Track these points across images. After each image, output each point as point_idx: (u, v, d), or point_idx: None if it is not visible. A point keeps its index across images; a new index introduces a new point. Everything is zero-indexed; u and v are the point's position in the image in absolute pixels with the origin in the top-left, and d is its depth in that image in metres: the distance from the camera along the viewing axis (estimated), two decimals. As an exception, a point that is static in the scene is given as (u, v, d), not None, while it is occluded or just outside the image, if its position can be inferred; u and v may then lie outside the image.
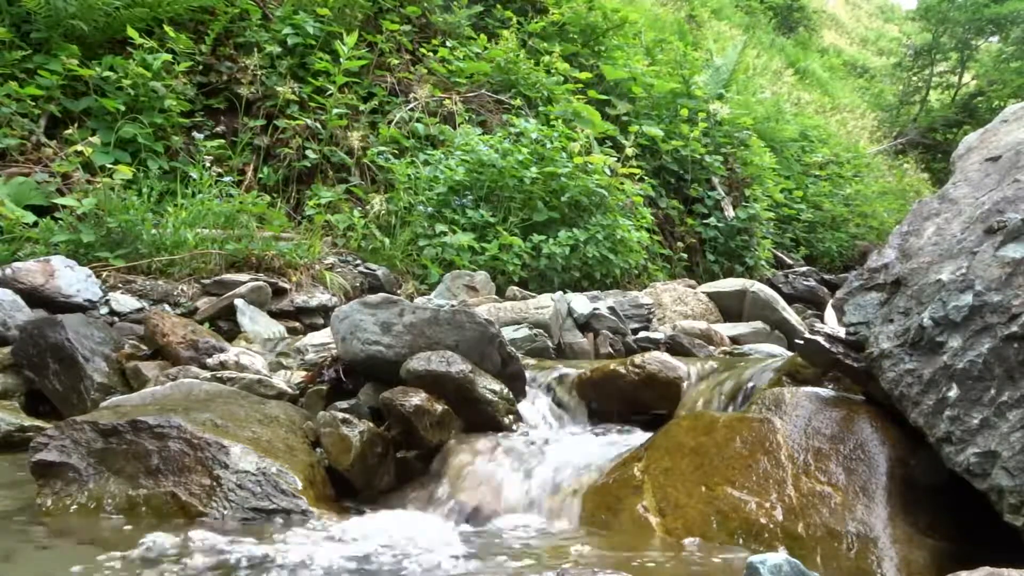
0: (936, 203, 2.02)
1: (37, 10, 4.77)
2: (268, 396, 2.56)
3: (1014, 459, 1.49)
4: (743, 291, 4.75)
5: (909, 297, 1.83)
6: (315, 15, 5.91)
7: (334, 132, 5.60)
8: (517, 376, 2.51)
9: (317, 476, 2.06)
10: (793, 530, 1.69)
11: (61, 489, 1.91)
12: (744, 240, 7.31)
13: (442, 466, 2.20)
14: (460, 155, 5.47)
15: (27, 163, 4.45)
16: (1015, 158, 1.92)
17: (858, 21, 27.16)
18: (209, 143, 4.95)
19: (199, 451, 1.93)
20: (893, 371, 1.77)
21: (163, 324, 3.14)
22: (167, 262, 4.05)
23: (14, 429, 2.60)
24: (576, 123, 6.42)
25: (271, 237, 4.41)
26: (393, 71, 6.40)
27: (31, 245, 3.86)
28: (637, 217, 6.04)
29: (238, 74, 5.60)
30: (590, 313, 3.71)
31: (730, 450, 1.89)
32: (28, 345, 2.95)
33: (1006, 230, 1.69)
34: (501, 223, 5.20)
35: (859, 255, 9.63)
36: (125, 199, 4.13)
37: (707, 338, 3.87)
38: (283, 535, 1.76)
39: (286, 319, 4.02)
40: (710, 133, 7.76)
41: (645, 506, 1.89)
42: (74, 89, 4.84)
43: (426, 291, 4.66)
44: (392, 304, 2.46)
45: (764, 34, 17.62)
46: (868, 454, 1.79)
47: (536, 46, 7.40)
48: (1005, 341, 1.57)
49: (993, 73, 17.14)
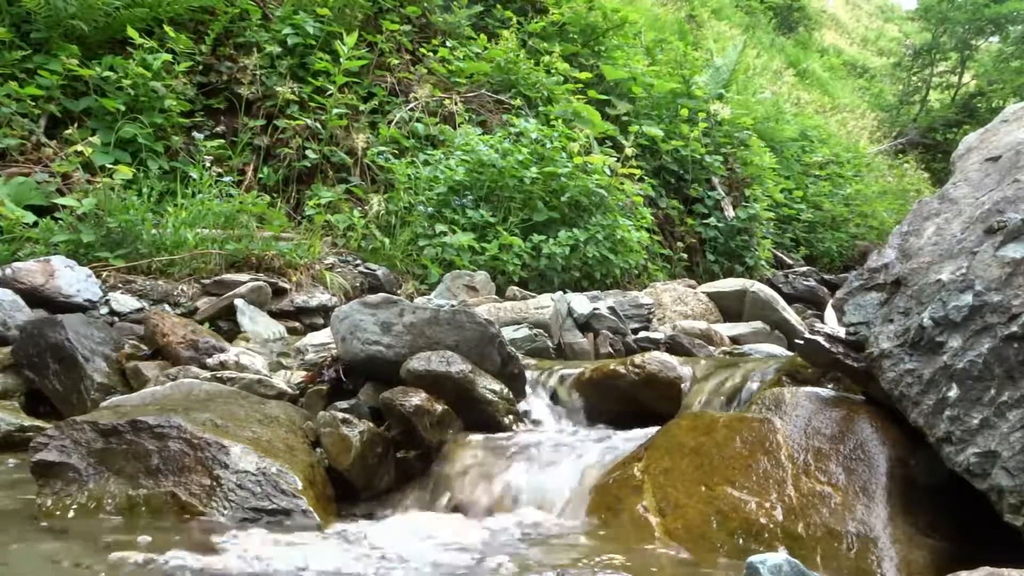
0: (936, 203, 2.02)
1: (37, 10, 4.77)
2: (268, 396, 2.56)
3: (1014, 459, 1.49)
4: (743, 291, 4.75)
5: (909, 297, 1.83)
6: (315, 15, 5.91)
7: (334, 132, 5.60)
8: (517, 376, 2.51)
9: (317, 476, 2.06)
10: (793, 530, 1.69)
11: (61, 489, 1.91)
12: (744, 240, 7.31)
13: (442, 466, 2.20)
14: (460, 155, 5.47)
15: (27, 163, 4.45)
16: (1015, 158, 1.92)
17: (858, 21, 27.15)
18: (209, 143, 4.95)
19: (199, 451, 1.93)
20: (893, 371, 1.77)
21: (163, 324, 3.13)
22: (167, 262, 4.05)
23: (14, 429, 2.60)
24: (576, 123, 6.42)
25: (271, 237, 4.41)
26: (393, 71, 6.40)
27: (31, 245, 3.86)
28: (637, 217, 6.04)
29: (238, 74, 5.60)
30: (590, 313, 3.71)
31: (730, 450, 1.89)
32: (28, 345, 2.94)
33: (1006, 230, 1.69)
34: (501, 223, 5.20)
35: (859, 255, 9.63)
36: (125, 199, 4.13)
37: (707, 338, 3.87)
38: (283, 535, 1.76)
39: (286, 319, 4.02)
40: (710, 133, 7.76)
41: (645, 506, 1.89)
42: (74, 89, 4.84)
43: (426, 291, 4.66)
44: (392, 304, 2.46)
45: (764, 34, 17.63)
46: (868, 454, 1.79)
47: (536, 46, 7.40)
48: (1005, 341, 1.57)
49: (993, 73, 17.15)
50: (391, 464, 2.21)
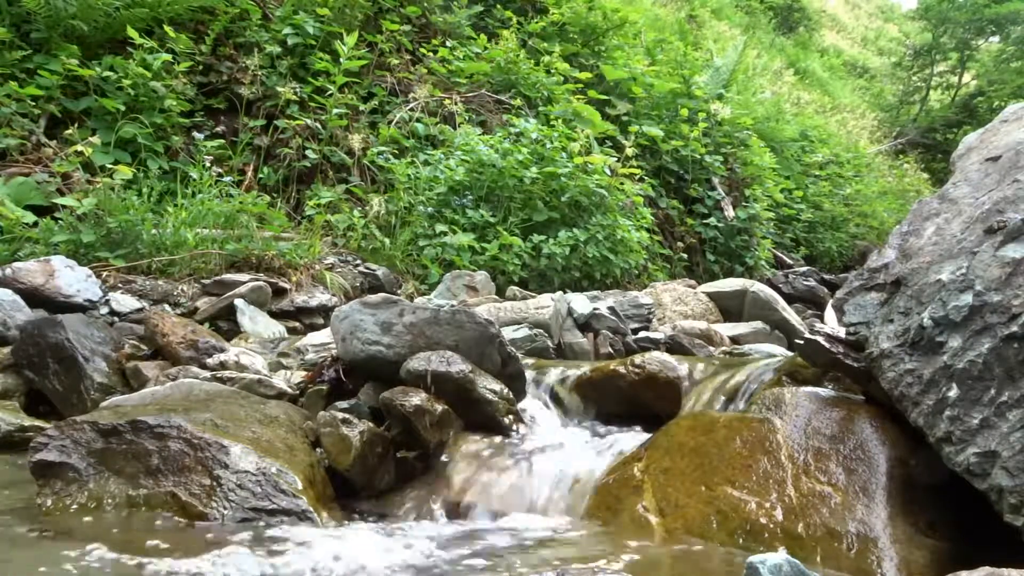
0: (936, 203, 2.02)
1: (37, 10, 4.77)
2: (268, 396, 2.56)
3: (1014, 459, 1.49)
4: (743, 291, 4.74)
5: (909, 297, 1.83)
6: (315, 15, 5.91)
7: (334, 132, 5.60)
8: (517, 376, 2.51)
9: (317, 476, 2.06)
10: (793, 530, 1.69)
11: (61, 489, 1.91)
12: (744, 240, 7.31)
13: (442, 466, 2.20)
14: (460, 155, 5.47)
15: (27, 163, 4.45)
16: (1015, 158, 1.92)
17: (858, 21, 27.15)
18: (209, 143, 4.95)
19: (199, 451, 1.93)
20: (893, 371, 1.77)
21: (163, 324, 3.13)
22: (167, 262, 4.05)
23: (14, 429, 2.60)
24: (576, 123, 6.42)
25: (271, 237, 4.41)
26: (393, 71, 6.40)
27: (31, 245, 3.86)
28: (637, 217, 6.04)
29: (238, 74, 5.60)
30: (590, 313, 3.71)
31: (730, 450, 1.89)
32: (28, 345, 2.94)
33: (1006, 230, 1.69)
34: (501, 223, 5.19)
35: (859, 255, 9.64)
36: (125, 199, 4.13)
37: (707, 338, 3.87)
38: (283, 535, 1.76)
39: (286, 319, 4.02)
40: (710, 133, 7.76)
41: (645, 506, 1.89)
42: (74, 89, 4.84)
43: (426, 291, 4.65)
44: (392, 304, 2.46)
45: (764, 34, 17.63)
46: (868, 454, 1.79)
47: (536, 46, 7.40)
48: (1005, 341, 1.57)
49: (993, 73, 17.15)
50: (391, 464, 2.21)
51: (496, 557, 1.72)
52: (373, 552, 1.71)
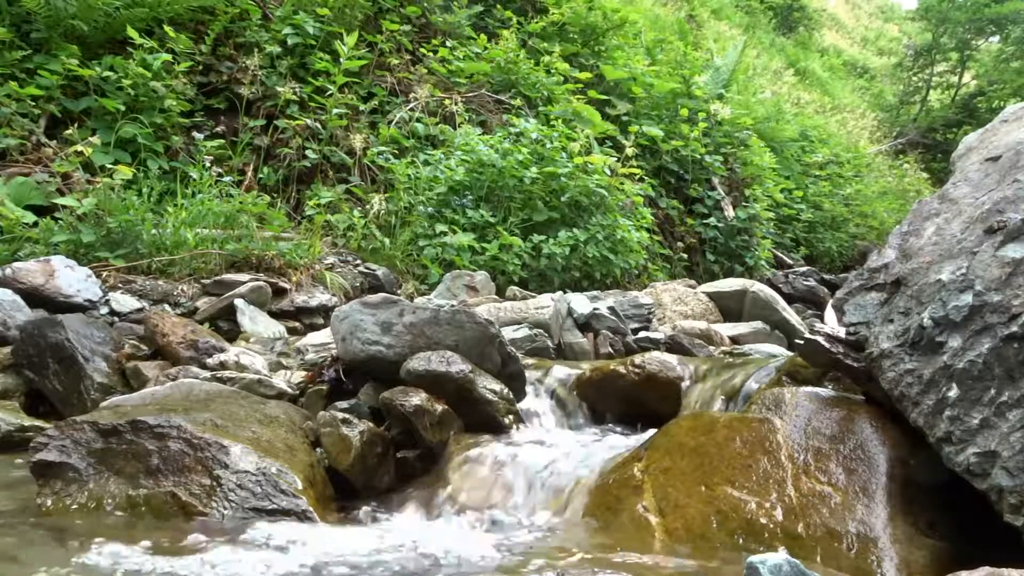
0: (936, 203, 2.02)
1: (37, 10, 4.77)
2: (268, 396, 2.56)
3: (1014, 459, 1.49)
4: (743, 291, 4.75)
5: (909, 297, 1.83)
6: (315, 15, 5.91)
7: (334, 132, 5.60)
8: (517, 376, 2.51)
9: (317, 476, 2.06)
10: (793, 530, 1.69)
11: (61, 489, 1.91)
12: (744, 240, 7.31)
13: (442, 466, 2.20)
14: (460, 155, 5.47)
15: (27, 163, 4.45)
16: (1015, 158, 1.92)
17: (858, 21, 27.16)
18: (209, 143, 4.95)
19: (199, 451, 1.93)
20: (893, 371, 1.77)
21: (163, 324, 3.13)
22: (167, 262, 4.04)
23: (14, 429, 2.60)
24: (576, 123, 6.42)
25: (271, 237, 4.41)
26: (393, 71, 6.40)
27: (31, 245, 3.86)
28: (637, 217, 6.04)
29: (238, 74, 5.60)
30: (590, 313, 3.71)
31: (730, 450, 1.89)
32: (28, 345, 2.94)
33: (1006, 230, 1.69)
34: (501, 223, 5.20)
35: (859, 255, 9.64)
36: (125, 199, 4.13)
37: (707, 338, 3.87)
38: (282, 535, 1.76)
39: (286, 319, 4.02)
40: (710, 133, 7.76)
41: (645, 506, 1.89)
42: (74, 89, 4.83)
43: (426, 291, 4.65)
44: (392, 304, 2.46)
45: (764, 34, 17.63)
46: (868, 454, 1.79)
47: (536, 46, 7.40)
48: (1005, 341, 1.57)
49: (993, 73, 17.16)
50: (391, 464, 2.21)
51: (496, 557, 1.72)
52: (373, 552, 1.71)
